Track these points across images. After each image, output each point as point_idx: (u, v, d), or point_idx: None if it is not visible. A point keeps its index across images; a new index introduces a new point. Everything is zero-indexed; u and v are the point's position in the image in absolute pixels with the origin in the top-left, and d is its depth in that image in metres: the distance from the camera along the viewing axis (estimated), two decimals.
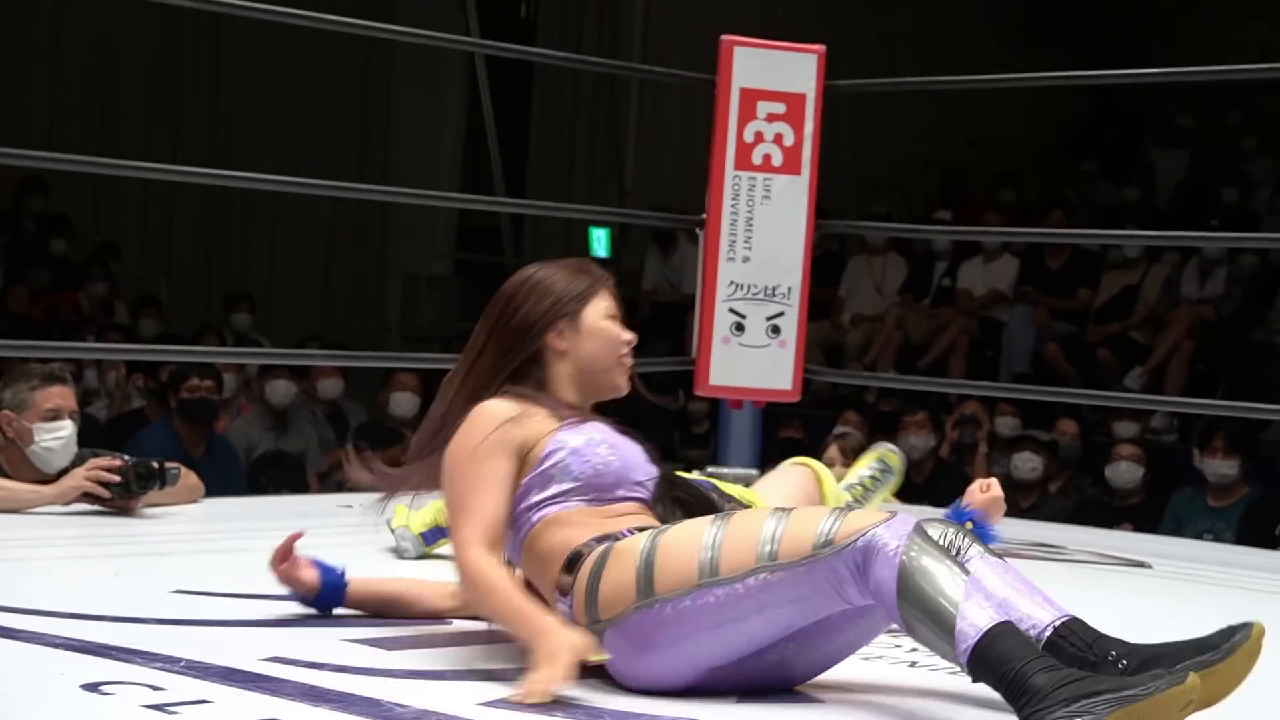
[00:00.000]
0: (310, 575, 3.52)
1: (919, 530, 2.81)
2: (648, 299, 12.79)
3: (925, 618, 2.72)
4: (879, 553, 2.76)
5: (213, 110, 13.85)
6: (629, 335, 3.37)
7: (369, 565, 3.95)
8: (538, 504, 3.14)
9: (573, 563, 3.05)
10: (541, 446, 3.16)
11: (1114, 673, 2.76)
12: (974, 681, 2.70)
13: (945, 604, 2.70)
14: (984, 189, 14.08)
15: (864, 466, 4.64)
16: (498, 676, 3.02)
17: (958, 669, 2.74)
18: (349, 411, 10.09)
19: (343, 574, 3.57)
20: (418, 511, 4.28)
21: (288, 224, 13.95)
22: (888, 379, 10.36)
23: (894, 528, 2.79)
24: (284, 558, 3.50)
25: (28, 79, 12.96)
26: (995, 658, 2.65)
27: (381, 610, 3.58)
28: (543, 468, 3.15)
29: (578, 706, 2.81)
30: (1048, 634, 2.89)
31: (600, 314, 3.33)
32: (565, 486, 3.14)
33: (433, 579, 3.62)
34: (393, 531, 4.42)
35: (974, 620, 2.68)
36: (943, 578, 2.73)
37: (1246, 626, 2.82)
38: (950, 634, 2.69)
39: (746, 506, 3.45)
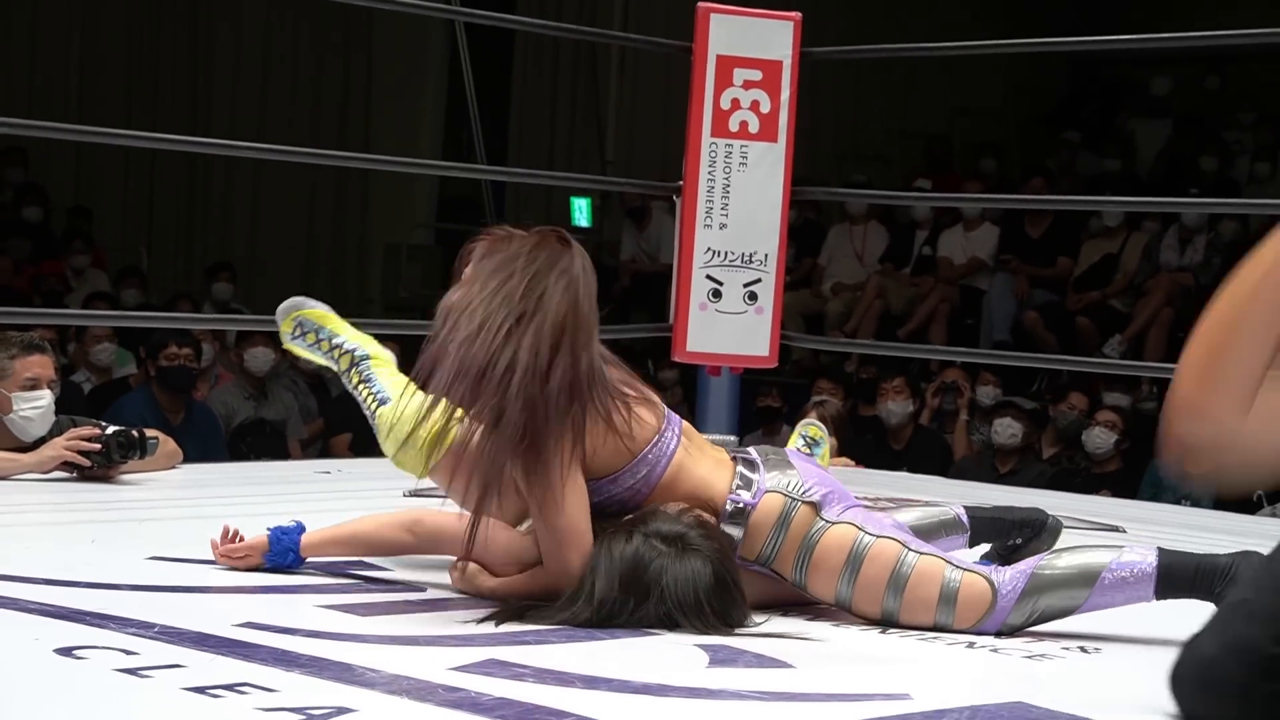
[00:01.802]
0: (258, 544, 3.64)
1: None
2: (628, 269, 12.81)
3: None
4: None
5: (192, 79, 13.82)
6: None
7: None
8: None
9: (736, 515, 3.39)
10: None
11: None
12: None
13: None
14: (966, 159, 14.08)
15: (791, 445, 4.87)
16: (470, 641, 3.04)
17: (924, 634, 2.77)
18: (330, 380, 10.08)
19: (297, 527, 3.66)
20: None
21: (268, 194, 13.93)
22: (866, 345, 10.38)
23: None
24: (230, 554, 3.67)
25: (7, 48, 12.92)
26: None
27: (344, 551, 3.65)
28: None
29: (548, 671, 2.83)
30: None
31: None
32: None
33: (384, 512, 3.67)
34: None
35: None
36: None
37: None
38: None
39: None
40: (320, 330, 4.10)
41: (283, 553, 3.64)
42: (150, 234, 13.74)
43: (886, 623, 3.35)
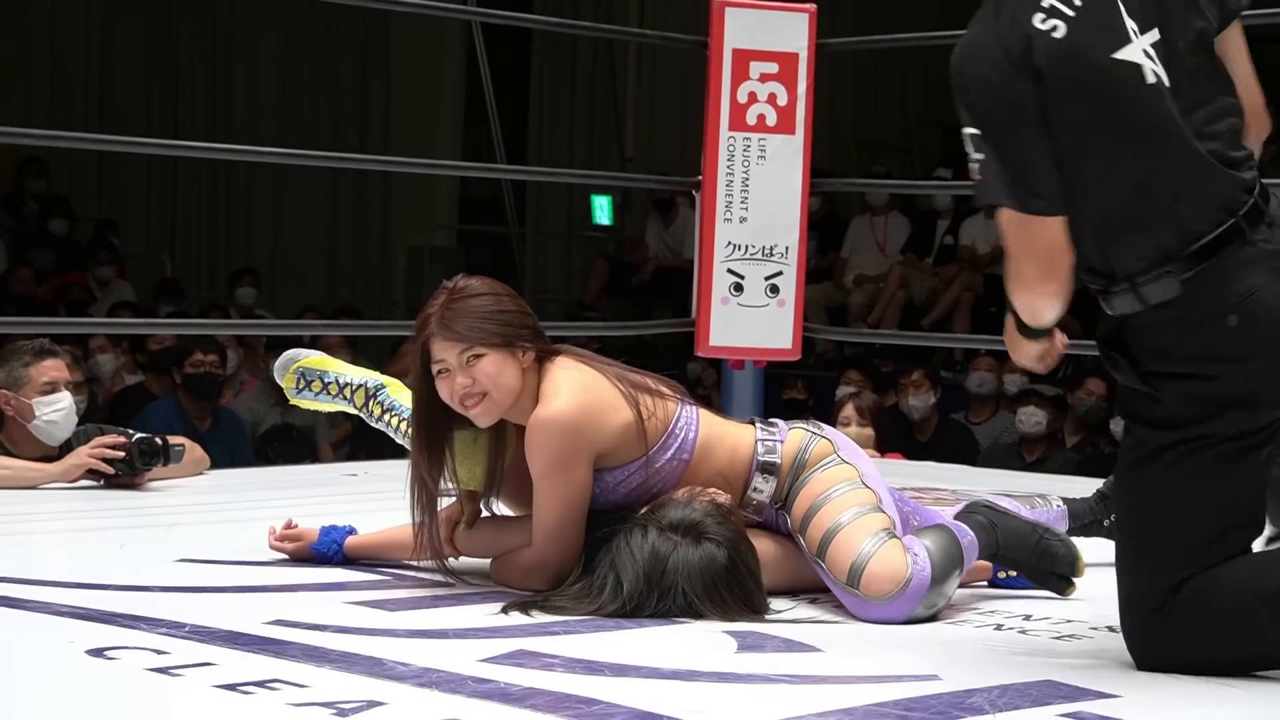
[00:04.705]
0: (309, 533, 3.74)
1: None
2: (651, 264, 12.81)
3: None
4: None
5: (211, 87, 13.85)
6: (446, 390, 3.41)
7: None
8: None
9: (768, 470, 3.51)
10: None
11: None
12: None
13: None
14: None
15: None
16: (499, 633, 3.05)
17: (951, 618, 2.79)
18: None
19: (347, 528, 3.77)
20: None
21: (291, 199, 13.96)
22: (888, 335, 10.36)
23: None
24: (284, 539, 3.76)
25: (27, 60, 12.97)
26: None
27: (380, 553, 3.73)
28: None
29: (577, 661, 2.85)
30: None
31: (435, 372, 3.43)
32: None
33: None
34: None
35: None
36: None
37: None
38: None
39: None
40: (325, 375, 4.11)
41: (328, 544, 3.73)
42: (174, 241, 13.77)
43: (817, 565, 3.40)
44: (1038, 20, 2.83)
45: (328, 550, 3.73)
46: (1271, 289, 2.82)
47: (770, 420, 3.61)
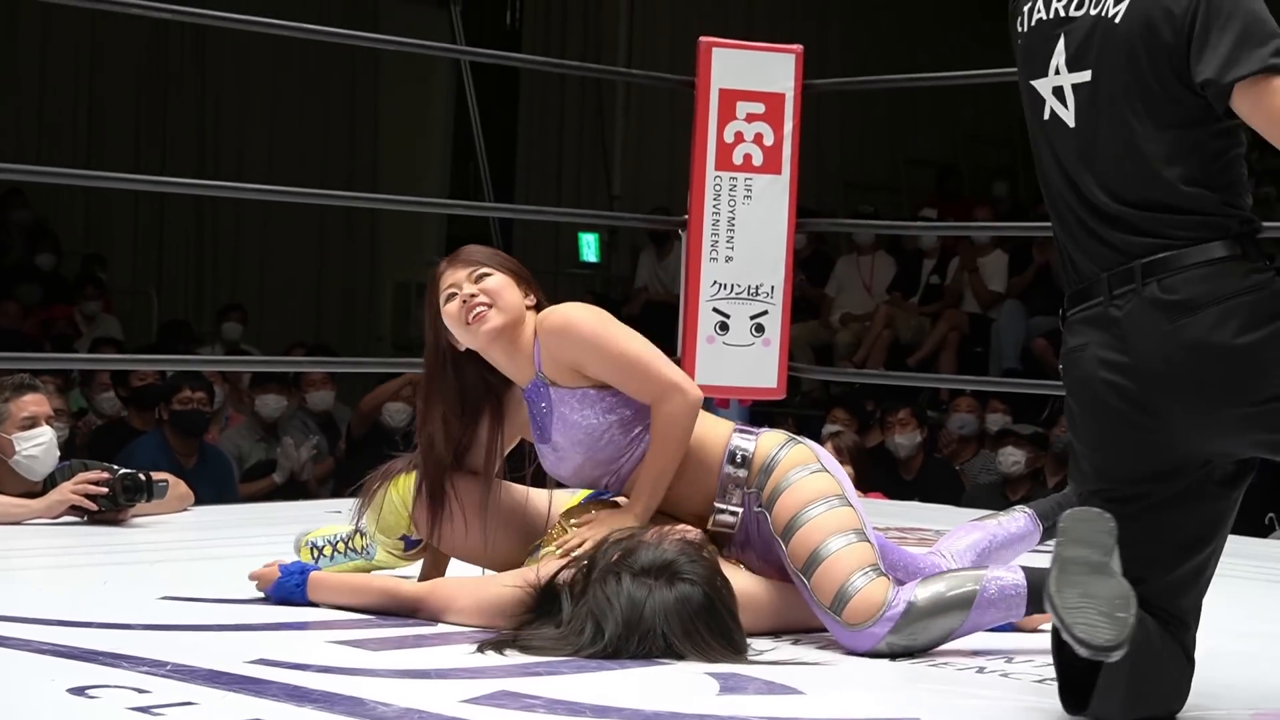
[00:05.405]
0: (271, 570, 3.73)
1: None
2: (639, 298, 12.81)
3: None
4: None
5: (200, 121, 13.85)
6: (454, 307, 3.57)
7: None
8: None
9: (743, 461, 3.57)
10: None
11: None
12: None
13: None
14: (974, 187, 14.09)
15: None
16: (481, 674, 3.05)
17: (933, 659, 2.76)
18: (340, 419, 10.10)
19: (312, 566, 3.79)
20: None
21: (278, 234, 13.95)
22: (874, 375, 10.38)
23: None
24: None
25: (16, 91, 12.97)
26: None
27: (349, 599, 3.68)
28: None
29: (558, 702, 2.84)
30: None
31: (443, 302, 3.60)
32: None
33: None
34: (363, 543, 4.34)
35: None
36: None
37: None
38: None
39: None
40: (331, 539, 4.14)
41: (290, 574, 3.70)
42: (160, 276, 13.76)
43: (799, 580, 3.45)
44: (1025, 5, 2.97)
45: (289, 587, 3.69)
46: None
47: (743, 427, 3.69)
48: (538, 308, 3.61)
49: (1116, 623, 2.57)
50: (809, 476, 3.53)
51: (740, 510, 3.58)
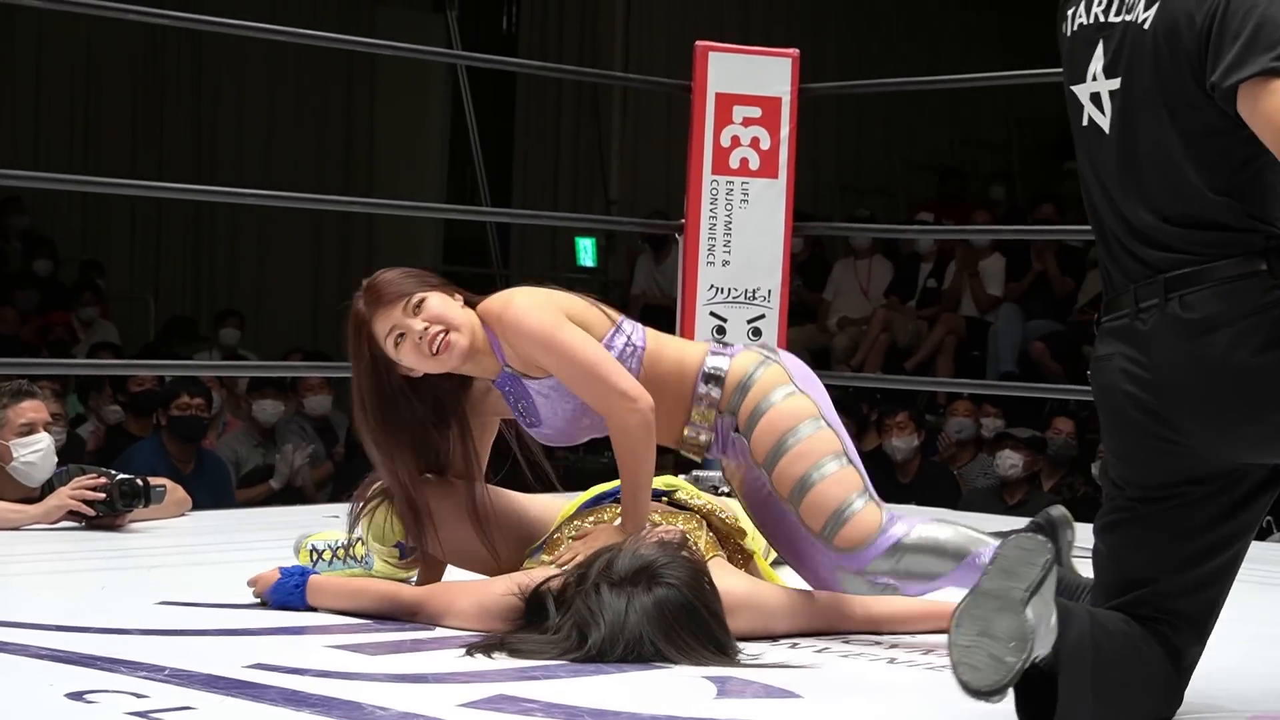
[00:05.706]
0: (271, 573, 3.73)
1: None
2: (637, 303, 12.81)
3: None
4: None
5: (196, 126, 13.86)
6: (409, 347, 3.55)
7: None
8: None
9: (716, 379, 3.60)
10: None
11: None
12: None
13: None
14: (972, 190, 14.10)
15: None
16: (478, 678, 3.05)
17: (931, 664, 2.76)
18: (338, 424, 10.10)
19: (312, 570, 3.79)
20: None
21: (275, 239, 13.96)
22: (870, 378, 10.38)
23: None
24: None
25: (12, 97, 12.97)
26: None
27: (348, 603, 3.67)
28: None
29: (556, 706, 2.84)
30: None
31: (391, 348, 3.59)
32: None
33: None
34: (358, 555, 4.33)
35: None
36: None
37: None
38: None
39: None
40: (332, 544, 4.13)
41: (290, 576, 3.70)
42: (157, 281, 13.76)
43: (788, 509, 3.52)
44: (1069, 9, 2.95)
45: (288, 584, 3.70)
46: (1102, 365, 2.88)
47: (727, 343, 3.71)
48: (468, 302, 3.61)
49: (1002, 667, 2.55)
50: (785, 400, 3.58)
51: (710, 436, 3.63)
